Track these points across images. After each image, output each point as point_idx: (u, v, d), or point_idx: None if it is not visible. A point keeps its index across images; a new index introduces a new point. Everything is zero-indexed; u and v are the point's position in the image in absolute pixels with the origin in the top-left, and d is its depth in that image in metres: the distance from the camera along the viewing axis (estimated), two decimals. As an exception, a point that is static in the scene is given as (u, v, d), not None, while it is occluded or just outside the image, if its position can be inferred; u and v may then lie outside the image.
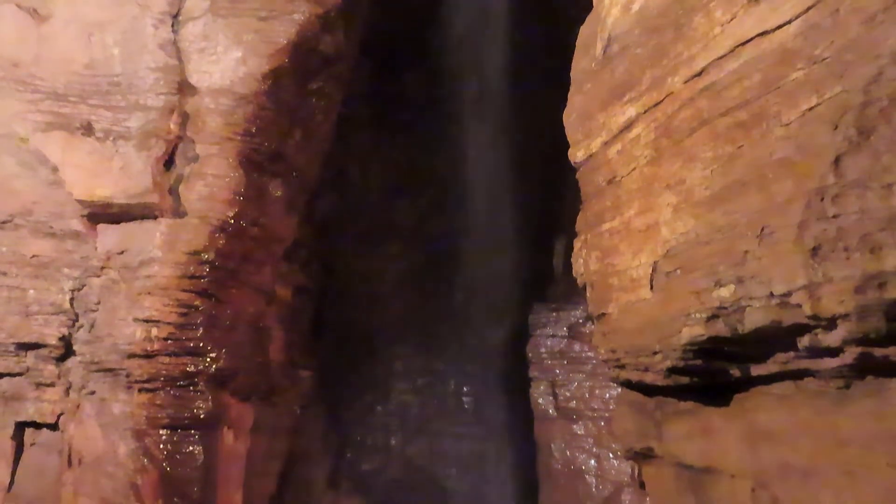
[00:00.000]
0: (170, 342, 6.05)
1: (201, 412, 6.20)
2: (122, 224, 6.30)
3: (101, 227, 6.35)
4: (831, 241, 2.30)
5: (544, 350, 8.27)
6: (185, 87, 6.44)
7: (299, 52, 6.80)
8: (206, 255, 6.23)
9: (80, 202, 6.24)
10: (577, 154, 4.25)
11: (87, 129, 6.29)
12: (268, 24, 6.64)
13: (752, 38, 2.79)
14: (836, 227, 2.29)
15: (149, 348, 5.98)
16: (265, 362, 7.13)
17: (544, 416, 8.10)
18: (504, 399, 9.34)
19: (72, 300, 6.28)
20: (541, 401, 8.13)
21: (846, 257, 2.25)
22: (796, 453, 2.72)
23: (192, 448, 6.15)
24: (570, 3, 6.28)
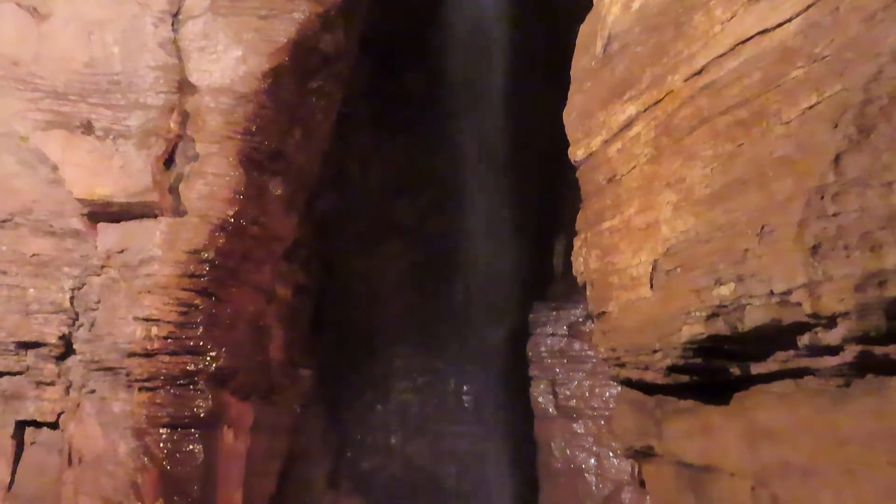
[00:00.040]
0: (170, 341, 6.06)
1: (201, 411, 6.20)
2: (123, 223, 6.30)
3: (101, 225, 6.35)
4: (831, 239, 2.30)
5: (544, 349, 8.27)
6: (185, 86, 6.44)
7: (299, 51, 6.80)
8: (206, 254, 6.23)
9: (80, 201, 6.24)
10: (577, 152, 4.25)
11: (87, 128, 6.29)
12: (268, 22, 6.64)
13: (752, 37, 2.79)
14: (837, 226, 2.29)
15: (149, 347, 5.99)
16: (265, 361, 7.14)
17: (544, 415, 8.09)
18: (504, 398, 9.33)
19: (72, 299, 6.28)
20: (541, 399, 8.13)
21: (846, 255, 2.25)
22: (796, 452, 2.72)
23: (192, 447, 6.16)
24: (570, 1, 6.27)
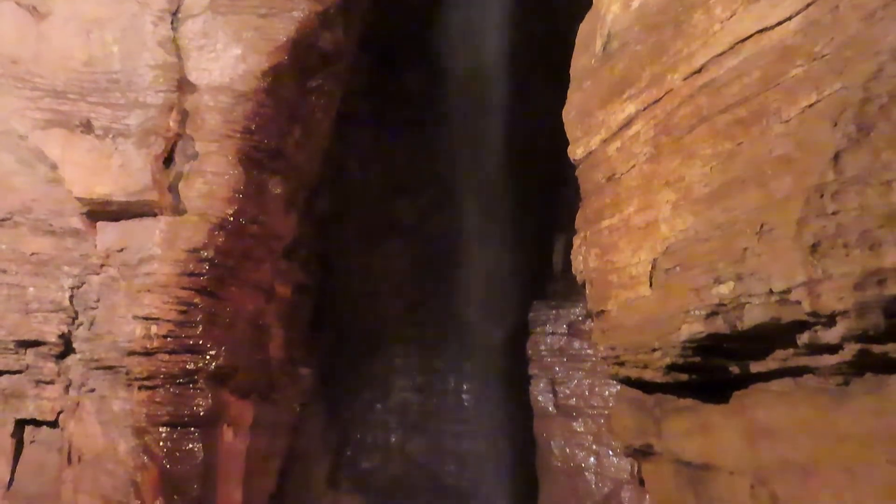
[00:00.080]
0: (169, 340, 6.06)
1: (201, 410, 6.21)
2: (122, 221, 6.30)
3: (100, 224, 6.35)
4: (831, 237, 2.30)
5: (544, 347, 8.26)
6: (184, 85, 6.44)
7: (299, 50, 6.80)
8: (205, 253, 6.23)
9: (80, 200, 6.25)
10: (576, 151, 4.25)
11: (87, 127, 6.29)
12: (267, 21, 6.63)
13: (751, 35, 2.79)
14: (836, 224, 2.29)
15: (148, 346, 5.99)
16: (265, 360, 7.14)
17: (544, 414, 8.09)
18: (503, 396, 9.33)
19: (71, 298, 6.28)
20: (540, 398, 8.12)
21: (845, 254, 2.25)
22: (795, 450, 2.72)
23: (191, 445, 6.16)
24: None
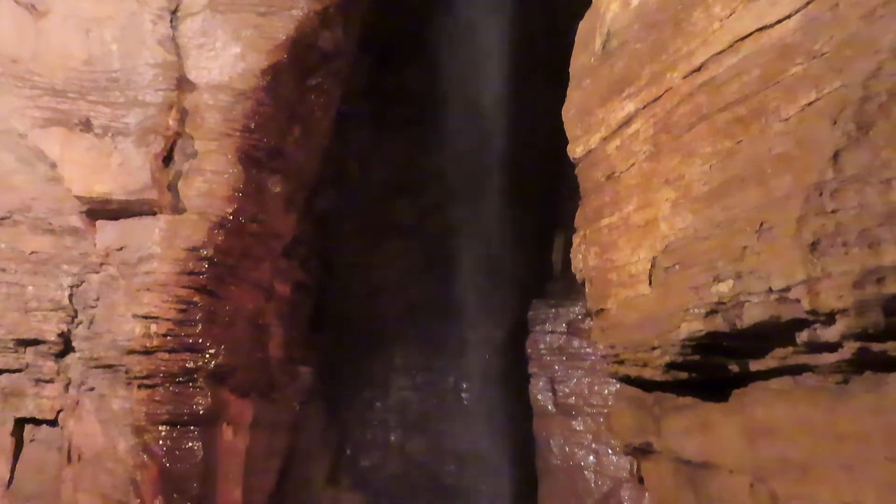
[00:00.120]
0: (169, 338, 6.05)
1: (200, 408, 6.20)
2: (121, 220, 6.29)
3: (99, 223, 6.35)
4: (830, 236, 2.30)
5: (543, 346, 8.26)
6: (183, 84, 6.43)
7: (298, 48, 6.79)
8: (204, 252, 6.23)
9: (79, 198, 6.24)
10: (575, 150, 4.25)
11: (86, 126, 6.28)
12: (267, 19, 6.63)
13: (751, 34, 2.79)
14: (835, 223, 2.29)
15: (148, 344, 5.98)
16: (264, 359, 7.14)
17: (543, 413, 8.09)
18: (503, 395, 9.34)
19: (71, 296, 6.28)
20: (540, 397, 8.12)
21: (845, 252, 2.26)
22: (795, 448, 2.72)
23: (191, 444, 6.16)
24: (570, -2, 6.27)
